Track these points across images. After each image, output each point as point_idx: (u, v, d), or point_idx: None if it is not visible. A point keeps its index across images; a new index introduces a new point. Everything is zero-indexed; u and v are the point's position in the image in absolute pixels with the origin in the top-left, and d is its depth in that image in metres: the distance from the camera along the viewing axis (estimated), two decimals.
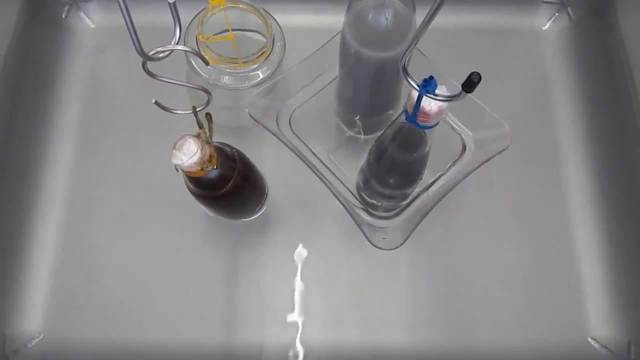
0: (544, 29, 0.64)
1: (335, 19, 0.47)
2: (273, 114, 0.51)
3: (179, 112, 0.34)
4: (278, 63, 0.49)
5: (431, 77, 0.32)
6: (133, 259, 0.54)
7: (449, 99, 0.32)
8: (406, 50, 0.32)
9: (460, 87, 0.29)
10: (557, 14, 0.64)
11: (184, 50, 0.29)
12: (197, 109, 0.34)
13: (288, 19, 0.53)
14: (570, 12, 0.64)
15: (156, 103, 0.32)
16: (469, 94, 0.30)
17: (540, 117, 0.60)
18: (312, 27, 0.61)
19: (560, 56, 0.63)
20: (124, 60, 0.62)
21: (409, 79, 0.33)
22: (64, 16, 0.63)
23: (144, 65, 0.28)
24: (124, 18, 0.25)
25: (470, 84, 0.29)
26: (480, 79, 0.29)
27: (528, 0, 0.64)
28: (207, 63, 0.31)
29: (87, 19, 0.64)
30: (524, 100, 0.61)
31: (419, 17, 0.39)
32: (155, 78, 0.29)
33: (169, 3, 0.26)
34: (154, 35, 0.37)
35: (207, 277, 0.54)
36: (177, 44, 0.28)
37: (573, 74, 0.62)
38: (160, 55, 0.27)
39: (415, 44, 0.32)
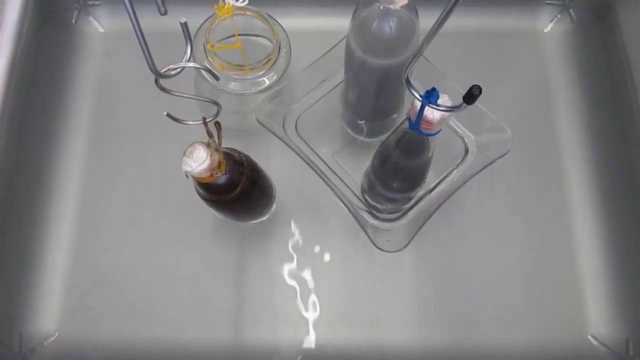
0: (545, 31, 0.65)
1: (340, 23, 0.48)
2: (279, 118, 0.52)
3: (190, 122, 0.35)
4: (284, 69, 0.50)
5: (433, 89, 0.33)
6: (144, 260, 0.56)
7: (450, 109, 0.33)
8: (408, 64, 0.33)
9: (463, 91, 0.30)
10: (559, 16, 0.64)
11: (196, 67, 0.30)
12: (207, 120, 0.35)
13: (294, 22, 0.53)
14: (572, 14, 0.64)
15: (168, 115, 0.33)
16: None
17: (541, 119, 0.61)
18: (318, 31, 0.61)
19: (562, 58, 0.63)
20: (133, 63, 0.63)
21: (412, 90, 0.34)
22: (73, 21, 0.64)
23: (156, 81, 0.29)
24: (138, 38, 0.26)
25: (471, 96, 0.30)
26: (480, 91, 0.30)
27: (530, 3, 0.64)
28: (217, 78, 0.32)
29: (96, 23, 0.65)
30: (526, 102, 0.62)
31: (422, 21, 0.40)
32: (168, 93, 0.31)
33: (181, 23, 0.27)
34: (160, 40, 0.38)
35: (216, 277, 0.55)
36: (188, 61, 0.29)
37: (574, 75, 0.62)
38: (172, 72, 0.29)
39: (418, 57, 0.33)
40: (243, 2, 0.43)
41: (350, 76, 0.48)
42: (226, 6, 0.42)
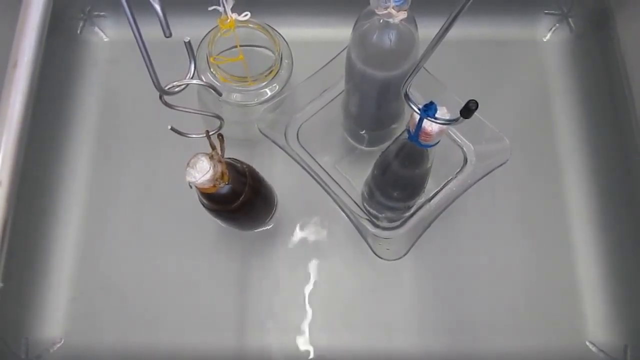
0: (544, 40, 0.65)
1: (341, 34, 0.48)
2: (281, 128, 0.53)
3: (194, 136, 0.36)
4: (286, 79, 0.51)
5: (431, 103, 0.34)
6: (148, 267, 0.56)
7: (448, 122, 0.34)
8: (407, 79, 0.34)
9: (462, 102, 0.31)
10: (557, 25, 0.65)
11: (199, 84, 0.31)
12: (210, 133, 0.36)
13: (295, 34, 0.54)
14: (571, 23, 0.64)
15: (172, 129, 0.34)
16: None
17: (540, 127, 0.61)
18: (319, 42, 0.62)
19: (561, 67, 0.64)
20: (137, 72, 0.62)
21: (411, 104, 0.35)
22: (79, 31, 0.65)
23: (161, 97, 0.30)
24: (143, 58, 0.27)
25: (468, 110, 0.31)
26: (477, 106, 0.31)
27: (529, 12, 0.65)
28: (220, 94, 0.33)
29: (101, 33, 0.66)
30: (525, 111, 0.62)
31: (421, 31, 0.40)
32: (173, 108, 0.31)
33: (185, 42, 0.28)
34: (164, 50, 0.39)
35: (219, 284, 0.56)
36: (191, 77, 0.30)
37: (573, 84, 0.63)
38: (177, 89, 0.29)
39: (417, 72, 0.34)
40: (245, 15, 0.44)
41: (351, 87, 0.48)
42: (229, 20, 0.43)
